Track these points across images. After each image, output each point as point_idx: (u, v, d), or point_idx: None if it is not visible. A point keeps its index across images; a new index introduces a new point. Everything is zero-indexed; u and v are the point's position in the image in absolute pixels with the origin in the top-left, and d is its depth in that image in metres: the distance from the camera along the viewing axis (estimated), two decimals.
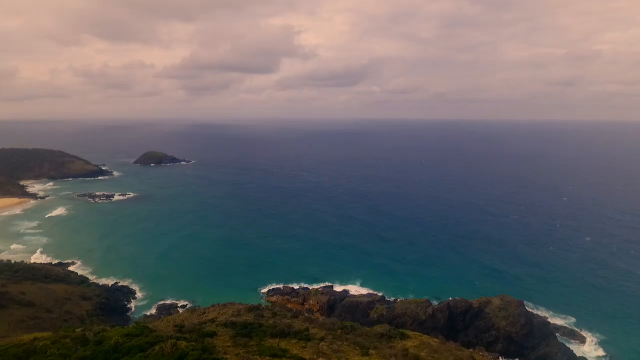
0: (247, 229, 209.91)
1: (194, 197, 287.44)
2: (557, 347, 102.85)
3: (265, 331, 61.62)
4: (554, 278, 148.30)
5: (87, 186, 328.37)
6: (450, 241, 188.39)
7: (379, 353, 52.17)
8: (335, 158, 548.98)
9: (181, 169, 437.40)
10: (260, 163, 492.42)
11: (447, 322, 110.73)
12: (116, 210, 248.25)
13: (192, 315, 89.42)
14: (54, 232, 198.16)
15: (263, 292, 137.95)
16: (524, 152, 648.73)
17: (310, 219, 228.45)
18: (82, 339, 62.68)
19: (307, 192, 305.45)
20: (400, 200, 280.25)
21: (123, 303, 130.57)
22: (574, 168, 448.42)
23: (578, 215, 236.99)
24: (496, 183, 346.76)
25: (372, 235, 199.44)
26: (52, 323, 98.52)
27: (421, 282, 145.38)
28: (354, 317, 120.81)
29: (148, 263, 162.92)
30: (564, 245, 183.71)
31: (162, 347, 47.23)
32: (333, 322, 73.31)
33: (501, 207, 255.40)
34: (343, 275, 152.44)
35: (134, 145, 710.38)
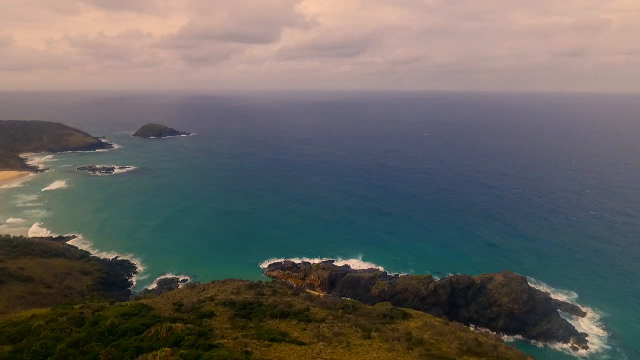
0: (247, 203, 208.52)
1: (194, 170, 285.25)
2: (558, 323, 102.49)
3: (264, 311, 60.36)
4: (557, 253, 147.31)
5: (86, 159, 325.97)
6: (451, 216, 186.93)
7: (381, 336, 50.75)
8: (336, 131, 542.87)
9: (181, 142, 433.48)
10: (261, 135, 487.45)
11: (448, 298, 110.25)
12: (116, 183, 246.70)
13: (192, 292, 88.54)
14: (53, 205, 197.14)
15: (263, 267, 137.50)
16: (528, 124, 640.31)
17: (309, 193, 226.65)
18: (79, 318, 61.55)
19: (307, 166, 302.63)
20: (401, 174, 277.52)
21: (124, 278, 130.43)
22: (579, 141, 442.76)
23: (582, 190, 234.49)
24: (499, 156, 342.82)
25: (372, 209, 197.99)
26: (52, 298, 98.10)
27: (422, 257, 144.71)
28: (355, 293, 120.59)
29: (149, 237, 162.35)
30: (567, 220, 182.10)
31: (158, 330, 45.79)
32: (334, 301, 72.08)
33: (504, 181, 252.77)
34: (344, 250, 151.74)
35: (133, 117, 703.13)
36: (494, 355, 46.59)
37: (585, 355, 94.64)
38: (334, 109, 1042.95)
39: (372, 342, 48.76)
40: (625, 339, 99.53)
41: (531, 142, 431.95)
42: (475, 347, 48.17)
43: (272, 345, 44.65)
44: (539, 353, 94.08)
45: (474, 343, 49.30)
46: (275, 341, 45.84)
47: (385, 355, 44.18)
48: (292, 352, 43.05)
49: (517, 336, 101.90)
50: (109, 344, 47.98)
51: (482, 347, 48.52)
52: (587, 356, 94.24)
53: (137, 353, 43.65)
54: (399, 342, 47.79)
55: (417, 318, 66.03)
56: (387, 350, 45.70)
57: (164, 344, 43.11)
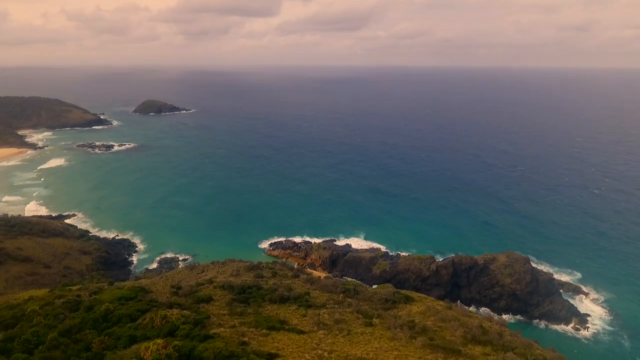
0: (246, 181, 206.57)
1: (194, 148, 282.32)
2: (561, 304, 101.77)
3: (263, 296, 59.02)
4: (560, 233, 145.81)
5: (86, 136, 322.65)
6: (454, 195, 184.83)
7: (383, 323, 49.36)
8: (337, 107, 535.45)
9: (181, 118, 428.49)
10: (261, 112, 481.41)
11: (450, 279, 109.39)
12: (116, 161, 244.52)
13: (191, 273, 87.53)
14: (52, 183, 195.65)
15: (264, 246, 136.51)
16: (533, 101, 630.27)
17: (309, 172, 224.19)
18: (74, 302, 60.29)
19: (307, 143, 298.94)
20: (402, 152, 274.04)
21: (124, 257, 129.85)
22: (584, 118, 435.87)
23: (587, 168, 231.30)
24: (502, 134, 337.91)
25: (373, 188, 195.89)
26: (50, 279, 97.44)
27: (424, 236, 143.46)
28: (356, 273, 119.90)
29: (148, 215, 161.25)
30: (571, 199, 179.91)
31: (153, 317, 44.36)
32: (335, 284, 70.78)
33: (506, 160, 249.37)
34: (345, 228, 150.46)
35: (132, 93, 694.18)
36: (499, 344, 45.25)
37: (587, 336, 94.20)
38: (335, 85, 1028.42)
39: (374, 330, 47.34)
40: (628, 320, 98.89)
41: (536, 120, 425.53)
42: (480, 335, 46.78)
43: (270, 334, 43.24)
44: (540, 334, 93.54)
45: (478, 331, 47.87)
46: (274, 330, 44.42)
47: (387, 344, 42.77)
48: (291, 342, 41.67)
49: (518, 317, 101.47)
50: (103, 331, 46.68)
51: (487, 335, 47.14)
52: (589, 337, 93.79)
53: (131, 342, 42.31)
54: (401, 330, 46.36)
55: (420, 302, 64.72)
56: (389, 339, 44.33)
57: (158, 333, 41.71)
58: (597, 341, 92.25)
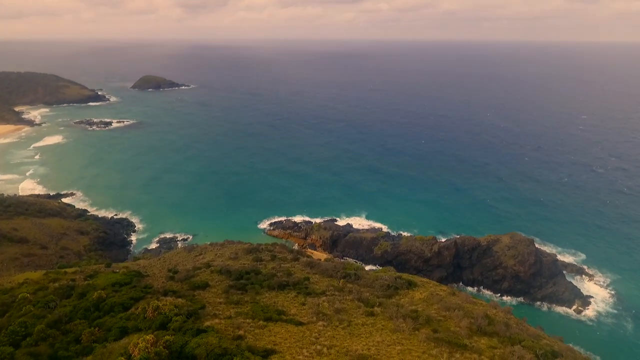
0: (245, 159, 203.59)
1: (192, 125, 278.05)
2: (564, 286, 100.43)
3: (261, 282, 57.25)
4: (564, 213, 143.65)
5: (83, 112, 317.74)
6: (456, 175, 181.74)
7: (385, 312, 47.58)
8: (338, 82, 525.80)
9: (180, 95, 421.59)
10: (261, 87, 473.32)
11: (452, 260, 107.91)
12: (114, 138, 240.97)
13: (189, 255, 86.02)
14: (50, 161, 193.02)
15: (263, 227, 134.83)
16: (539, 76, 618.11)
17: (308, 151, 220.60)
18: (68, 288, 58.78)
19: (306, 121, 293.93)
20: (404, 129, 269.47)
21: (123, 237, 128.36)
22: (591, 94, 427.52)
23: (592, 146, 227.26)
24: (506, 110, 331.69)
25: (374, 167, 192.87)
26: (47, 260, 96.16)
27: (426, 216, 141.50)
28: (357, 253, 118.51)
29: (147, 194, 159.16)
30: (575, 179, 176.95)
31: (145, 308, 42.57)
32: (335, 268, 69.03)
33: (509, 138, 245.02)
34: (346, 208, 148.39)
35: (130, 68, 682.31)
36: (506, 335, 43.55)
37: (590, 317, 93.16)
38: (336, 60, 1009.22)
39: (375, 321, 45.58)
40: (632, 302, 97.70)
41: (541, 95, 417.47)
42: (486, 325, 45.02)
43: (267, 326, 41.48)
44: (543, 317, 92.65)
45: (484, 321, 46.08)
46: (271, 321, 42.66)
47: (389, 337, 41.03)
48: (289, 335, 39.92)
49: (520, 299, 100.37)
50: (94, 321, 45.08)
51: (493, 326, 45.41)
52: (592, 319, 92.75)
53: (122, 334, 40.65)
54: (404, 320, 44.53)
55: (422, 287, 63.04)
56: (392, 331, 42.59)
57: (150, 325, 39.96)
58: (600, 323, 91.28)
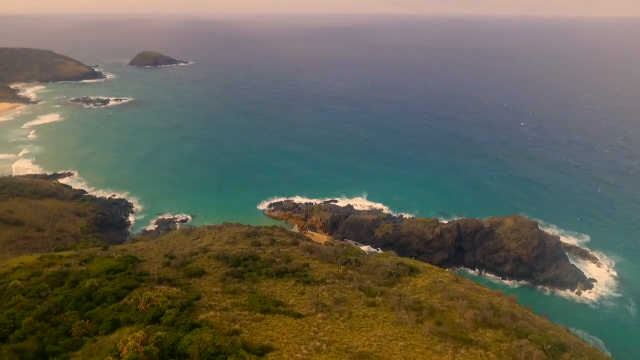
0: (244, 137, 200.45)
1: (191, 103, 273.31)
2: (567, 269, 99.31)
3: (260, 269, 55.67)
4: (567, 195, 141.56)
5: (80, 90, 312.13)
6: (458, 156, 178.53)
7: (387, 302, 46.06)
8: (338, 59, 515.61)
9: (179, 71, 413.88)
10: (259, 64, 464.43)
11: (454, 243, 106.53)
12: (112, 116, 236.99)
13: (187, 238, 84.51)
14: (46, 140, 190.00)
15: (262, 208, 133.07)
16: (546, 52, 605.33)
17: (306, 128, 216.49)
18: (61, 275, 57.27)
19: (303, 99, 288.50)
20: (405, 108, 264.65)
21: (121, 217, 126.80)
22: (599, 71, 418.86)
23: (598, 126, 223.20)
24: (509, 87, 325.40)
25: (374, 148, 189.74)
26: (44, 242, 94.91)
27: (428, 197, 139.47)
28: (358, 235, 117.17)
29: (146, 175, 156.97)
30: (580, 158, 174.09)
31: (138, 299, 40.97)
32: (336, 253, 67.45)
33: (512, 117, 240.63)
34: (347, 188, 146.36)
35: (127, 44, 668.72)
36: (512, 328, 42.08)
37: (593, 301, 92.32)
38: (337, 35, 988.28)
39: (377, 312, 44.06)
40: (635, 285, 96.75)
41: (546, 73, 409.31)
42: (491, 317, 43.52)
43: (264, 319, 39.97)
44: (545, 300, 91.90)
45: (489, 312, 44.51)
46: (269, 313, 41.13)
47: (391, 331, 39.55)
48: (287, 329, 38.42)
49: (522, 282, 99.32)
50: (85, 311, 43.60)
51: (499, 318, 43.93)
52: (595, 302, 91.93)
53: (114, 327, 39.15)
54: (406, 312, 42.97)
55: (425, 273, 61.54)
56: (394, 324, 41.09)
57: (142, 318, 38.41)
58: (603, 307, 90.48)
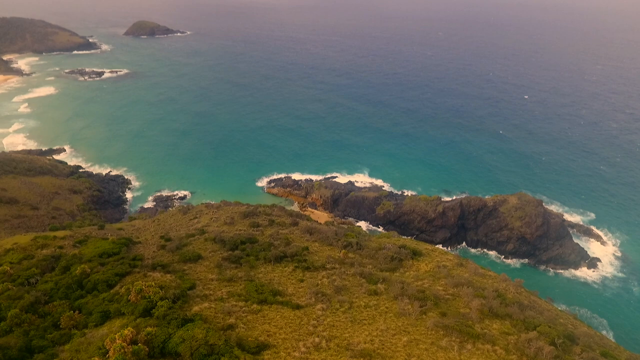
0: (241, 109, 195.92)
1: (187, 76, 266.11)
2: (571, 248, 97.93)
3: (257, 254, 53.82)
4: (572, 171, 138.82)
5: (75, 61, 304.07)
6: (461, 132, 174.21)
7: (389, 290, 44.36)
8: (339, 28, 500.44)
9: (175, 42, 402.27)
10: (257, 34, 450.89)
11: (457, 221, 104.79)
12: (108, 90, 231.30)
13: (184, 218, 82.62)
14: (41, 114, 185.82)
15: (262, 184, 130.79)
16: (554, 22, 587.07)
17: (303, 102, 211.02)
18: (53, 259, 55.46)
19: (300, 71, 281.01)
20: (408, 79, 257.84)
21: (118, 194, 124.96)
22: (609, 42, 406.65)
23: (605, 99, 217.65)
24: (515, 59, 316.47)
25: (371, 125, 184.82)
26: (39, 221, 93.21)
27: (430, 175, 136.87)
28: (359, 213, 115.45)
29: (143, 150, 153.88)
30: (587, 133, 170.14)
31: (129, 289, 39.15)
32: (337, 234, 65.57)
33: (517, 89, 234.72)
34: (348, 165, 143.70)
35: (122, 13, 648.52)
36: (519, 318, 40.47)
37: (596, 280, 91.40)
38: (337, 4, 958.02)
39: (379, 301, 42.37)
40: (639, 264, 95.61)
41: (553, 43, 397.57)
42: (498, 306, 41.85)
43: (261, 310, 38.29)
44: (548, 281, 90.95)
45: (495, 302, 42.79)
46: (266, 304, 39.43)
47: (394, 324, 37.91)
48: (284, 322, 36.74)
49: (524, 261, 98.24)
50: (76, 300, 41.94)
51: (506, 307, 42.25)
52: (598, 282, 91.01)
53: (104, 319, 37.53)
54: (410, 301, 41.22)
55: (428, 257, 59.78)
56: (397, 315, 39.44)
57: (133, 309, 36.64)
58: (606, 286, 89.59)
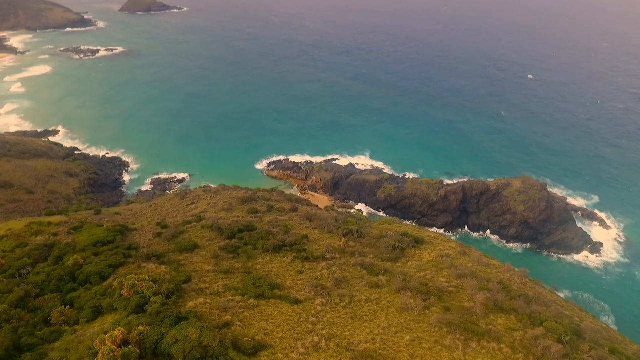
0: (237, 90, 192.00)
1: (184, 54, 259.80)
2: (574, 232, 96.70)
3: (255, 243, 52.38)
4: (579, 152, 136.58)
5: (69, 39, 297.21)
6: (463, 112, 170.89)
7: (391, 282, 43.11)
8: (339, 3, 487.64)
9: (172, 18, 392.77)
10: (259, 11, 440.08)
11: (459, 205, 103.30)
12: (104, 68, 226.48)
13: (181, 203, 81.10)
14: (36, 94, 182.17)
15: (261, 167, 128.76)
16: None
17: (301, 82, 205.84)
18: (46, 248, 54.04)
19: (300, 46, 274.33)
20: (409, 57, 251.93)
21: (115, 177, 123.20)
22: (620, 17, 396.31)
23: (613, 78, 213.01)
24: (522, 34, 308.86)
25: (370, 106, 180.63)
26: (34, 205, 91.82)
27: (432, 156, 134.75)
28: (360, 196, 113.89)
29: (141, 130, 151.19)
30: (593, 114, 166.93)
31: (122, 282, 37.79)
32: (337, 221, 64.08)
33: (521, 70, 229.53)
34: (349, 146, 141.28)
35: None
36: (525, 313, 39.25)
37: (599, 265, 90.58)
38: None
39: (381, 295, 41.10)
40: None
41: (561, 20, 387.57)
42: (503, 300, 40.57)
43: (258, 306, 37.04)
44: (550, 266, 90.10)
45: (501, 294, 41.52)
46: (264, 298, 38.13)
47: (396, 320, 36.70)
48: (282, 319, 35.49)
49: (527, 245, 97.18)
50: (67, 293, 40.69)
51: (511, 301, 40.97)
52: (601, 267, 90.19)
53: (96, 315, 36.28)
54: (412, 295, 39.91)
55: (430, 245, 58.45)
56: (399, 310, 38.21)
57: (126, 305, 35.35)
58: (609, 272, 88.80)
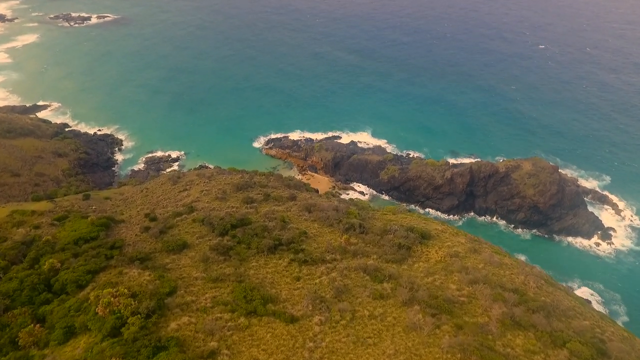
0: (236, 60, 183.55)
1: (179, 24, 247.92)
2: (585, 217, 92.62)
3: (249, 243, 48.27)
4: (590, 130, 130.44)
5: (59, 5, 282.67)
6: (469, 87, 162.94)
7: (396, 293, 39.31)
8: None
9: None
10: None
11: (465, 188, 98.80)
12: (95, 37, 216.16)
13: (173, 188, 76.76)
14: (24, 65, 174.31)
15: (258, 145, 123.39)
16: None
17: (303, 56, 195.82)
18: (23, 246, 50.12)
19: (299, 19, 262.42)
20: (412, 28, 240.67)
21: (108, 156, 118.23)
22: None
23: (626, 49, 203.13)
24: (531, 6, 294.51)
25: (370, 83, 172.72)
26: (20, 189, 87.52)
27: (438, 134, 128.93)
28: (362, 177, 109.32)
29: (136, 104, 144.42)
30: (605, 88, 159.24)
31: (98, 297, 33.92)
32: (337, 213, 59.78)
33: (533, 40, 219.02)
34: (351, 122, 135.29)
35: None
36: (545, 330, 35.55)
37: (610, 253, 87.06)
38: None
39: (385, 309, 37.35)
40: None
41: None
42: (521, 315, 36.76)
43: (249, 326, 33.25)
44: (559, 252, 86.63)
45: (518, 309, 37.65)
46: (256, 316, 34.32)
47: (403, 343, 33.05)
48: (276, 344, 31.74)
49: (535, 231, 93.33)
50: (40, 306, 36.93)
51: (530, 315, 37.15)
52: (612, 254, 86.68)
53: (67, 336, 32.58)
54: (420, 309, 36.11)
55: (438, 240, 54.65)
56: (406, 330, 34.51)
57: (101, 326, 31.56)
58: (619, 261, 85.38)
